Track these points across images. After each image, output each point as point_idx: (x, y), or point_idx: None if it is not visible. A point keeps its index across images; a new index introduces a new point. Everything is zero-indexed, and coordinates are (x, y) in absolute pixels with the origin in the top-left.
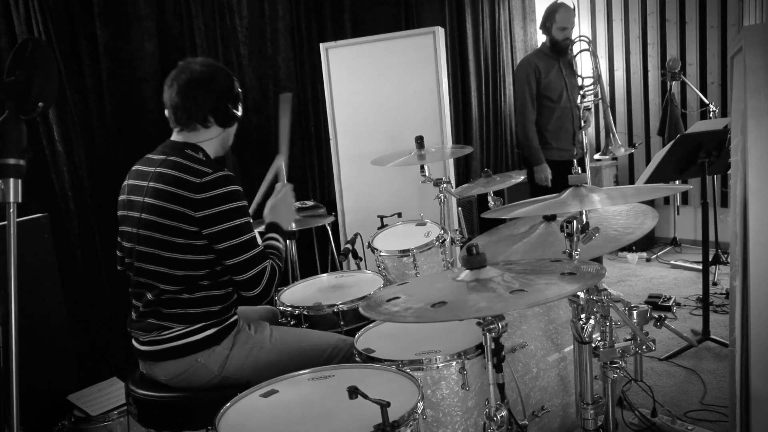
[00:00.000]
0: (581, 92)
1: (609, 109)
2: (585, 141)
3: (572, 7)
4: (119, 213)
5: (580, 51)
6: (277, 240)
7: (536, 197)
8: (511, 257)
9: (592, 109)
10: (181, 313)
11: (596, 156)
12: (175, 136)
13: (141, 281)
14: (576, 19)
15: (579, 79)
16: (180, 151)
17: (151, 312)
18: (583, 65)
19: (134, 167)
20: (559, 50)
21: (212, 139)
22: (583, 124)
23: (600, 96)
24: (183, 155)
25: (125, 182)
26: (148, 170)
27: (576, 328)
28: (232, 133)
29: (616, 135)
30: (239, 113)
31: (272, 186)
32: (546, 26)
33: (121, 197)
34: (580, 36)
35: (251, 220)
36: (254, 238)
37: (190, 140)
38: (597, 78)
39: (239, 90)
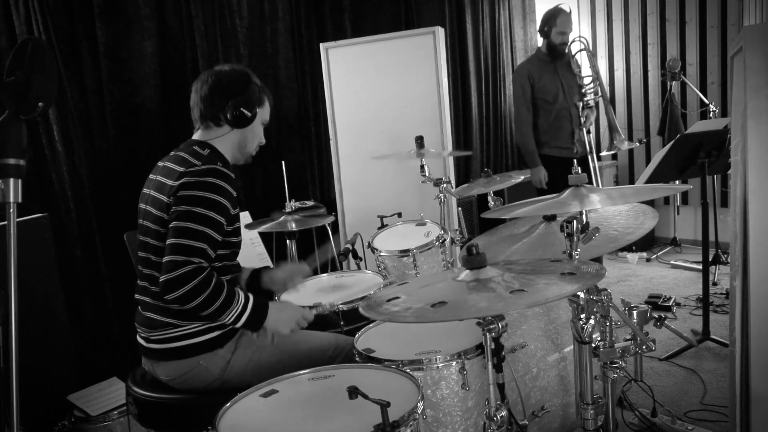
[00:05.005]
0: (582, 91)
1: (610, 105)
2: (586, 139)
3: (569, 11)
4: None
5: (578, 51)
6: (247, 304)
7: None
8: (511, 257)
9: (594, 108)
10: (178, 309)
11: (603, 153)
12: (194, 135)
13: (144, 273)
14: (575, 20)
15: (578, 79)
16: (189, 146)
17: (153, 305)
18: (583, 65)
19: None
20: (556, 54)
21: (224, 137)
22: (583, 122)
23: (600, 94)
24: (189, 150)
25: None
26: (159, 165)
27: (576, 328)
28: (251, 138)
29: (620, 130)
30: (250, 115)
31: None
32: (545, 30)
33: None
34: (579, 36)
35: (222, 221)
36: (206, 234)
37: (203, 138)
38: (596, 76)
39: (256, 95)
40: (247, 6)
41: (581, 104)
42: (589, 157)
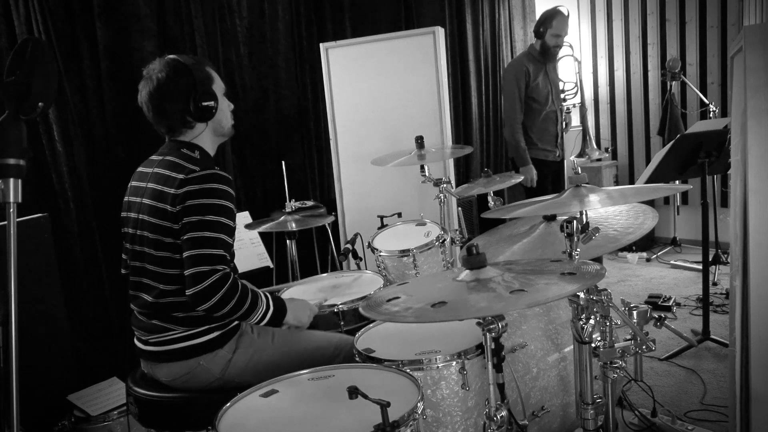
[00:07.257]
0: (562, 95)
1: (587, 113)
2: (564, 144)
3: (567, 14)
4: (122, 214)
5: (564, 56)
6: (269, 302)
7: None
8: (511, 257)
9: (572, 113)
10: (183, 316)
11: (571, 158)
12: (173, 135)
13: (140, 282)
14: (576, 20)
15: (561, 83)
16: (176, 150)
17: (153, 313)
18: (566, 69)
19: (138, 169)
20: (548, 56)
21: (202, 134)
22: (564, 126)
23: (580, 101)
24: (179, 154)
25: (129, 184)
26: (147, 171)
27: (576, 328)
28: (223, 118)
29: (592, 138)
30: (214, 102)
31: None
32: (540, 31)
33: (125, 199)
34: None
35: (232, 226)
36: (222, 240)
37: (185, 139)
38: (579, 83)
39: (204, 78)
40: (247, 6)
41: (564, 108)
42: (564, 161)
